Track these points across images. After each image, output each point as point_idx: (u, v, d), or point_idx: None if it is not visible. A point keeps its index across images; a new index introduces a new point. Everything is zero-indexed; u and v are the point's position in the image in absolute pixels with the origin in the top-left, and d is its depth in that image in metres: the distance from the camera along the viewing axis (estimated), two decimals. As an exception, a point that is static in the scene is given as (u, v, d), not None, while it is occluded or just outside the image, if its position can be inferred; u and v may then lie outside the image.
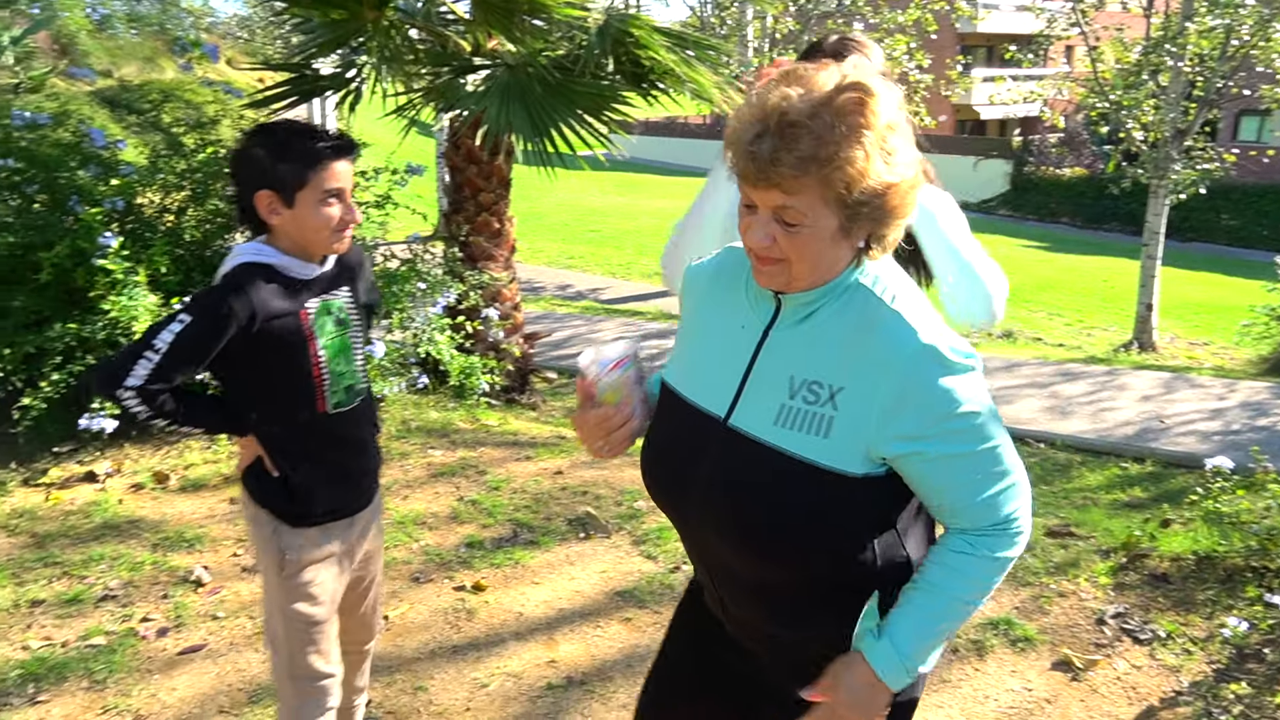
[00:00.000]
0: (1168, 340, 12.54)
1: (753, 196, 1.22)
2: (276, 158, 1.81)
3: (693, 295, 1.46)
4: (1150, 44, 11.63)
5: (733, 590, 1.41)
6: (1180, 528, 3.76)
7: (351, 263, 2.06)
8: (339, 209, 1.86)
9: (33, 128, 4.87)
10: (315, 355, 1.91)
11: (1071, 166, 31.12)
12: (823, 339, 1.28)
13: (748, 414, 1.31)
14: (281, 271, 1.88)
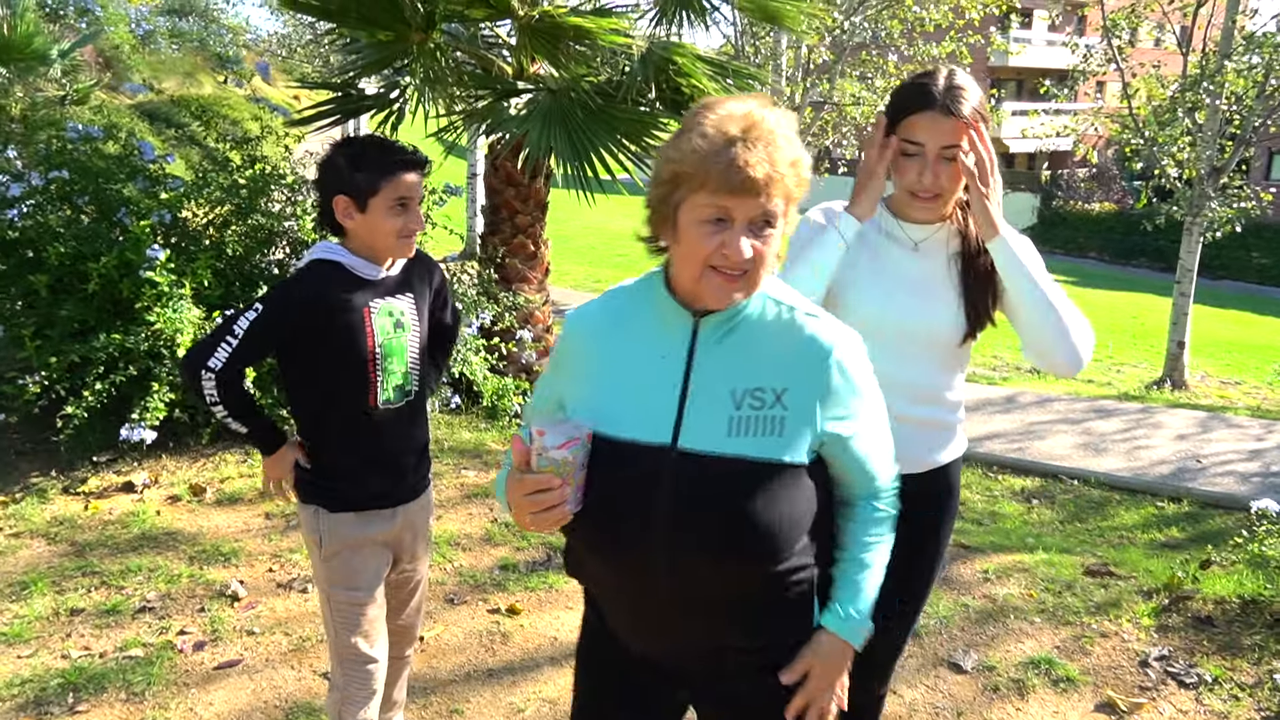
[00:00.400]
0: (1199, 379, 12.38)
1: (733, 209, 1.29)
2: (354, 166, 1.99)
3: (585, 340, 1.45)
4: (1187, 81, 11.57)
5: (695, 611, 1.41)
6: (1220, 570, 3.70)
7: (424, 275, 2.20)
8: (406, 217, 2.02)
9: (85, 140, 4.97)
10: (372, 350, 2.04)
11: (1101, 201, 30.98)
12: (752, 349, 1.38)
13: (696, 434, 1.35)
14: (350, 269, 2.04)
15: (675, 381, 1.38)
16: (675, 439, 1.36)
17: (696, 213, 1.30)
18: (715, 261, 1.31)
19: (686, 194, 1.30)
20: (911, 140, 1.79)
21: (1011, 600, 3.54)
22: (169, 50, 24.20)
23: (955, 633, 3.32)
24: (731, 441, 1.35)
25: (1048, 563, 3.89)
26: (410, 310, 2.14)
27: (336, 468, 2.12)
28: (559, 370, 1.50)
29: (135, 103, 16.98)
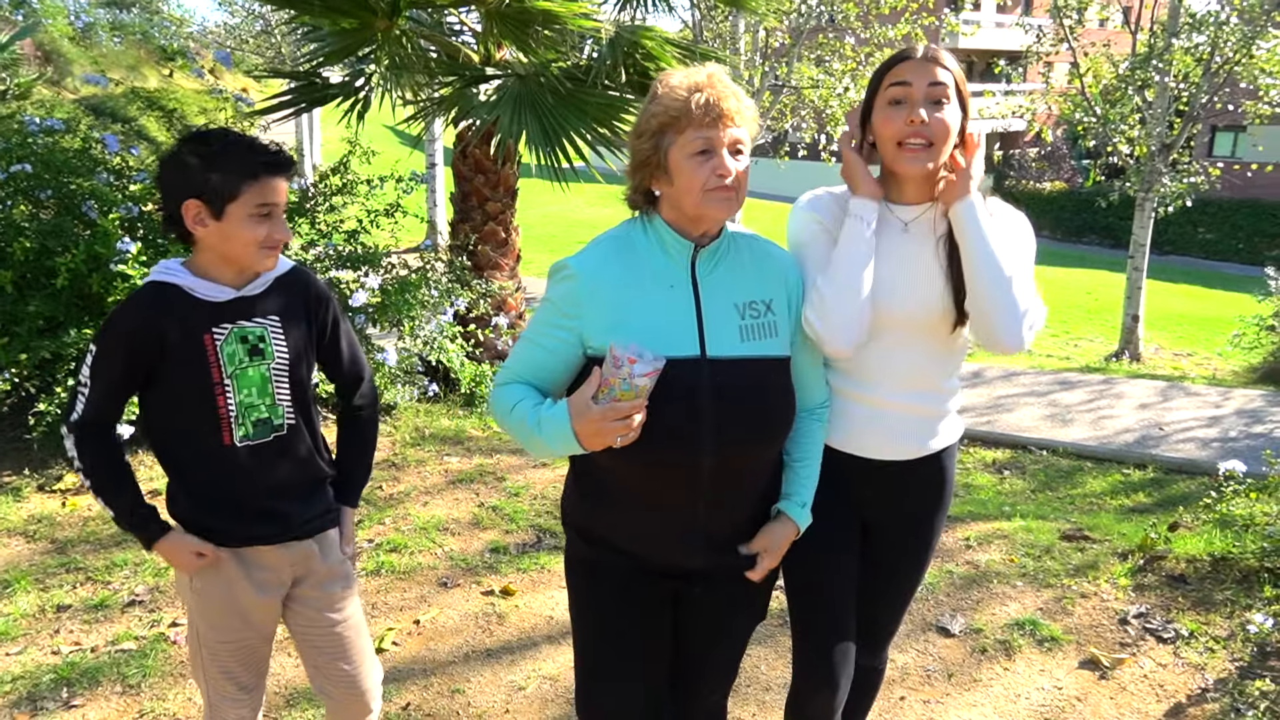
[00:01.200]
0: (1153, 351, 12.71)
1: (715, 138, 1.58)
2: (209, 166, 1.71)
3: (597, 281, 1.64)
4: (1136, 60, 11.82)
5: (728, 489, 1.69)
6: (1187, 531, 3.83)
7: (300, 298, 1.91)
8: (270, 226, 1.76)
9: (47, 133, 4.86)
10: (220, 383, 1.78)
11: (1051, 180, 31.53)
12: (739, 270, 1.70)
13: (718, 343, 1.64)
14: (188, 292, 1.77)
15: (689, 304, 1.65)
16: (703, 350, 1.63)
17: (687, 149, 1.58)
18: (711, 184, 1.58)
19: (674, 137, 1.59)
20: (899, 82, 1.73)
21: (994, 566, 3.64)
22: (110, 43, 23.64)
23: (941, 598, 3.40)
24: (745, 345, 1.66)
25: (1025, 529, 3.99)
26: (275, 334, 1.84)
27: (201, 507, 1.84)
28: (577, 309, 1.64)
29: (79, 97, 16.58)
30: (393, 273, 5.36)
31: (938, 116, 1.71)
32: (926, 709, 2.80)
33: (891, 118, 1.73)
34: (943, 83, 1.72)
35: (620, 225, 1.72)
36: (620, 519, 1.74)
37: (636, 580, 1.77)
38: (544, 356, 1.68)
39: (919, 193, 1.82)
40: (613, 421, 1.51)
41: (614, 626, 1.80)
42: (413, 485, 4.38)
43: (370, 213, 5.47)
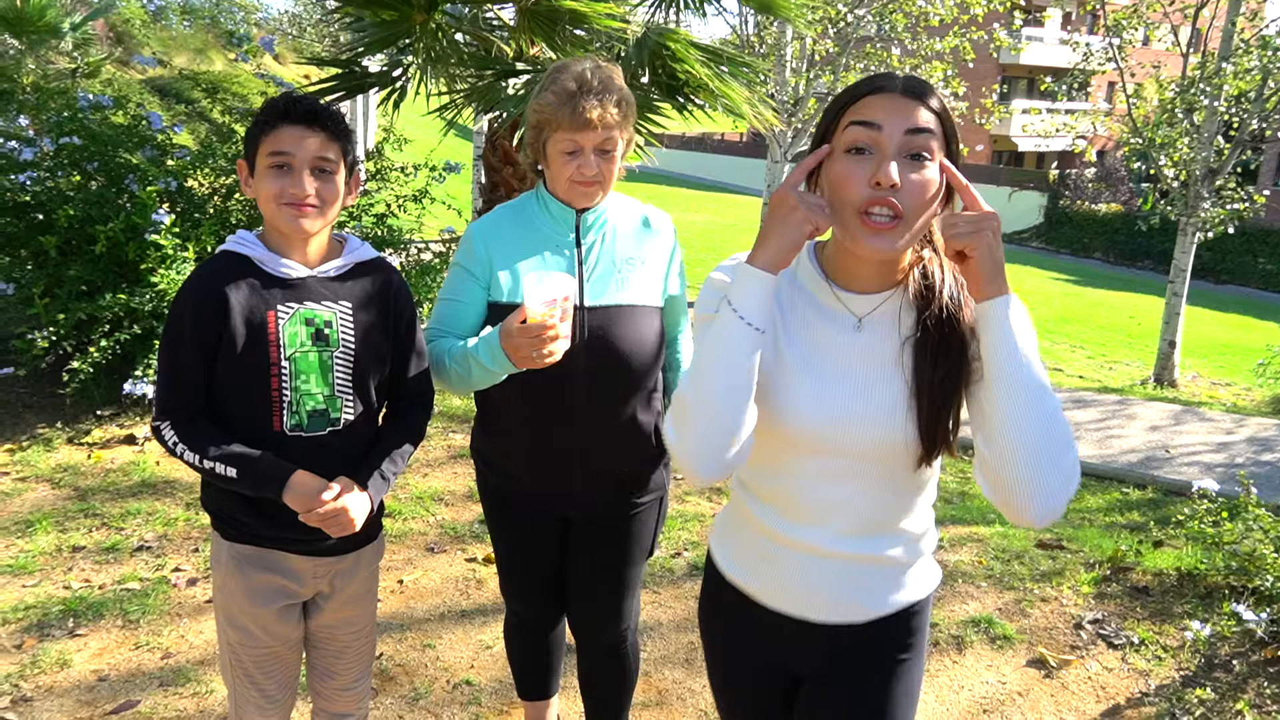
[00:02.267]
0: (1190, 378, 12.54)
1: (581, 140, 1.79)
2: (252, 124, 1.68)
3: (495, 239, 1.92)
4: (1186, 82, 11.69)
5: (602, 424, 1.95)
6: (1171, 550, 3.88)
7: (378, 284, 1.79)
8: (285, 180, 1.62)
9: (96, 109, 5.16)
10: (275, 364, 1.68)
11: (1108, 202, 31.05)
12: (620, 232, 1.96)
13: (595, 293, 1.91)
14: (258, 264, 1.68)
15: (571, 260, 1.93)
16: (582, 298, 1.90)
17: (558, 146, 1.81)
18: (576, 178, 1.83)
19: (550, 133, 1.82)
20: (864, 121, 1.25)
21: (962, 566, 3.73)
22: (180, 26, 24.37)
23: (904, 593, 3.51)
24: (618, 295, 1.92)
25: (1001, 534, 4.08)
26: (344, 321, 1.73)
27: (235, 496, 1.73)
28: (476, 264, 1.91)
29: (146, 78, 17.17)
30: (414, 255, 5.57)
31: (914, 178, 1.23)
32: (871, 693, 2.92)
33: (851, 173, 1.25)
34: (926, 129, 1.24)
35: (520, 196, 2.02)
36: (512, 448, 2.02)
37: (529, 507, 2.07)
38: (458, 308, 1.94)
39: (878, 277, 1.36)
40: (530, 338, 1.68)
41: (515, 545, 2.15)
42: (415, 458, 4.59)
43: (399, 198, 5.69)
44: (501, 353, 1.75)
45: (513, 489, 2.06)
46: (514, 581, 2.22)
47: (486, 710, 2.76)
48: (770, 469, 1.41)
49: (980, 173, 33.19)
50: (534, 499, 2.05)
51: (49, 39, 12.26)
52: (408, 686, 2.85)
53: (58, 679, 2.80)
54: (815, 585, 1.42)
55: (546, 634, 2.33)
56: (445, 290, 1.98)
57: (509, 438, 2.01)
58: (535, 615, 2.27)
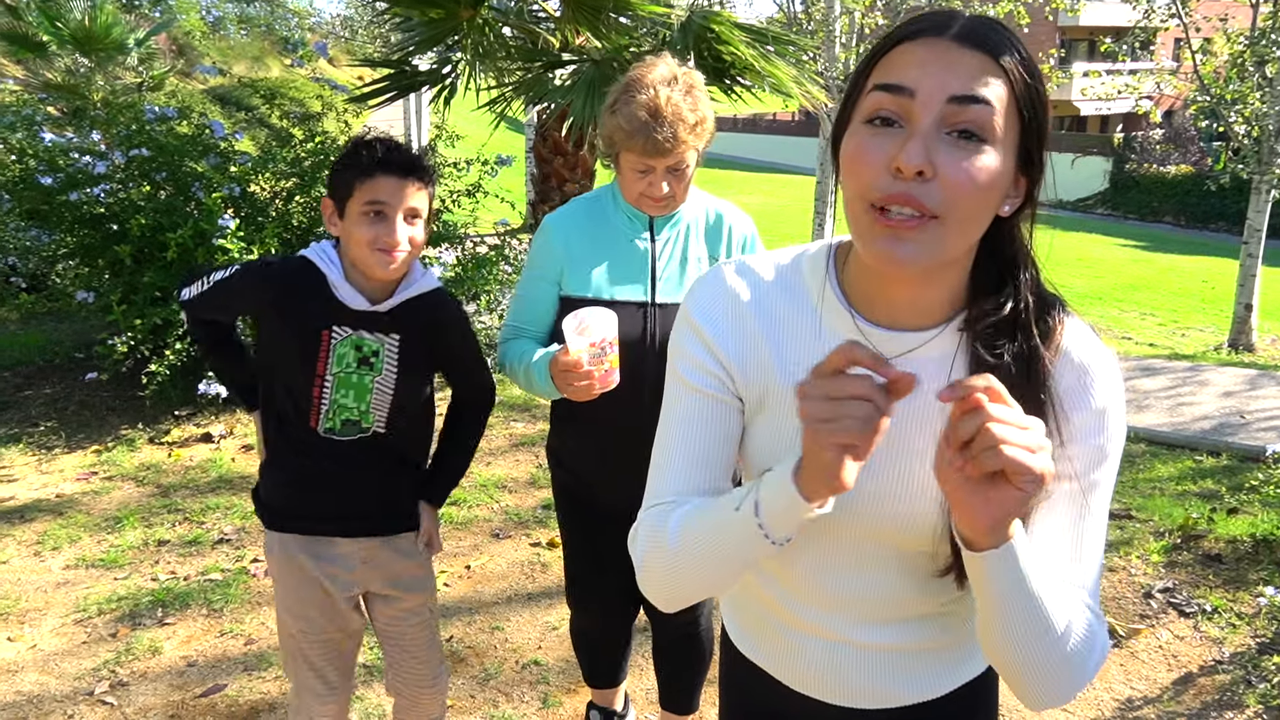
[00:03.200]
0: (1268, 342, 12.11)
1: (655, 164, 1.80)
2: (340, 166, 1.78)
3: (570, 233, 1.94)
4: (1257, 34, 11.25)
5: None
6: (1245, 516, 3.79)
7: (427, 316, 1.89)
8: (379, 227, 1.73)
9: (162, 120, 5.35)
10: (320, 376, 1.83)
11: (1177, 164, 30.03)
12: (693, 230, 1.96)
13: (667, 292, 1.92)
14: (330, 284, 1.80)
15: (645, 258, 1.94)
16: (653, 296, 1.92)
17: (631, 164, 1.84)
18: (647, 194, 1.86)
19: (623, 149, 1.83)
20: (891, 85, 0.86)
21: (1026, 538, 3.70)
22: (238, 35, 24.99)
23: (968, 566, 3.49)
24: None
25: (1067, 506, 4.02)
26: (390, 352, 1.85)
27: (273, 479, 1.93)
28: (552, 259, 1.94)
29: (207, 87, 17.67)
30: (470, 250, 5.67)
31: (959, 167, 0.85)
32: (935, 666, 2.92)
33: (866, 152, 0.87)
34: (982, 99, 0.85)
35: (597, 189, 2.03)
36: (585, 447, 2.05)
37: (602, 506, 2.06)
38: (530, 305, 1.99)
39: (919, 306, 0.98)
40: (569, 381, 1.74)
41: (589, 546, 2.13)
42: (479, 447, 4.69)
43: (453, 193, 5.79)
44: (552, 385, 1.82)
45: (585, 489, 2.08)
46: (585, 584, 2.20)
47: (554, 689, 2.83)
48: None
49: (1041, 140, 32.35)
50: (607, 498, 2.05)
51: (116, 55, 12.66)
52: (478, 667, 2.94)
53: (150, 665, 2.95)
54: (841, 672, 1.14)
55: (612, 643, 2.32)
56: (520, 285, 2.02)
57: (581, 437, 2.04)
58: (604, 623, 2.25)
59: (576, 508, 2.14)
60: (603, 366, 1.74)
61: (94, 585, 3.40)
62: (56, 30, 11.36)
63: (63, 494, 4.13)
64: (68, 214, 4.93)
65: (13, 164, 5.29)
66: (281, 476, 1.92)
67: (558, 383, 1.79)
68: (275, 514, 1.94)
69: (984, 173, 0.85)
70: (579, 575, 2.21)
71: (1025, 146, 0.90)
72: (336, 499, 1.90)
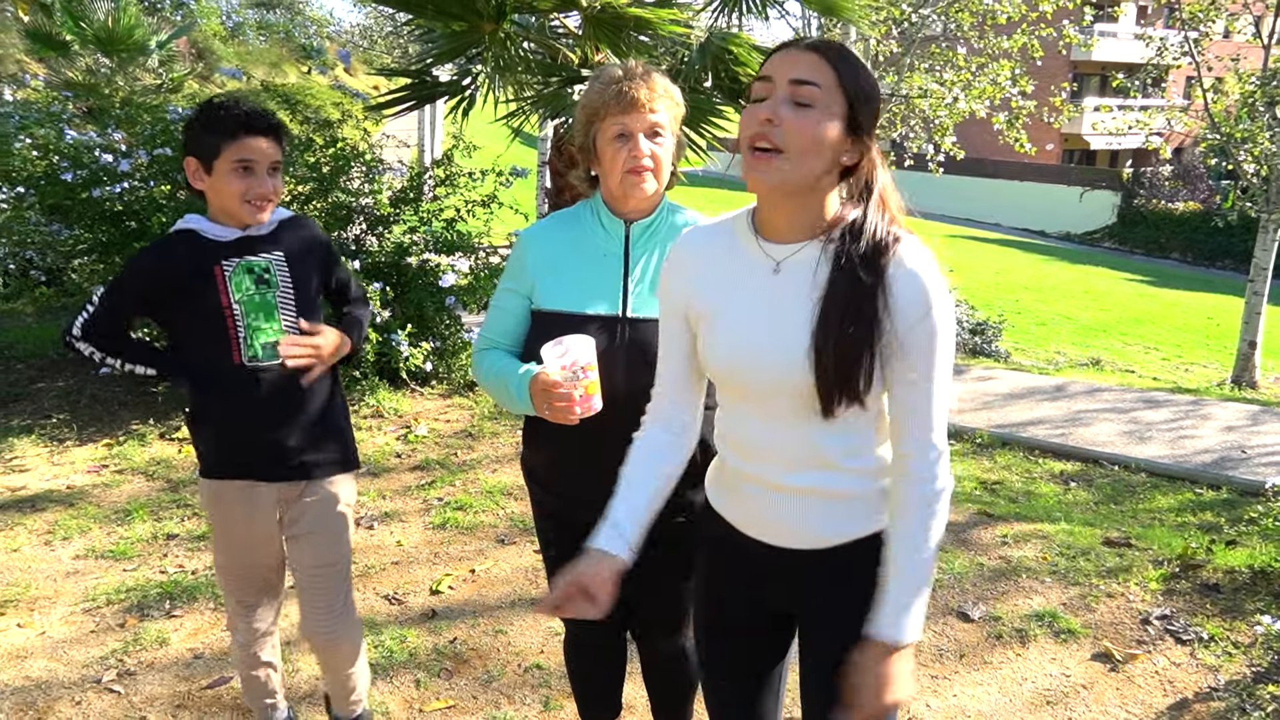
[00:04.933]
0: (1272, 380, 12.14)
1: (630, 124, 1.81)
2: (204, 128, 1.98)
3: (543, 246, 1.95)
4: (1268, 75, 11.35)
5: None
6: (1244, 548, 3.82)
7: (301, 236, 2.14)
8: (250, 180, 1.97)
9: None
10: (229, 308, 2.02)
11: (1185, 200, 30.12)
12: (668, 242, 1.86)
13: (640, 306, 1.90)
14: (200, 234, 2.03)
15: (618, 271, 1.92)
16: (624, 310, 1.91)
17: (608, 134, 1.83)
18: (628, 165, 1.83)
19: (599, 125, 1.84)
20: (761, 76, 1.38)
21: (1026, 562, 3.73)
22: (257, 41, 25.22)
23: (967, 587, 3.53)
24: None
25: (1067, 532, 4.06)
26: (280, 267, 2.08)
27: (205, 430, 2.14)
28: (524, 273, 1.95)
29: (225, 91, 17.84)
30: (483, 259, 5.74)
31: (792, 117, 1.34)
32: (933, 683, 2.95)
33: (746, 116, 1.40)
34: (810, 81, 1.35)
35: (575, 206, 2.01)
36: (556, 462, 2.02)
37: (576, 521, 1.96)
38: (504, 317, 1.98)
39: (796, 225, 1.44)
40: (548, 400, 1.77)
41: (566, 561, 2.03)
42: (485, 454, 4.73)
43: (468, 203, 5.86)
44: (530, 404, 1.84)
45: (560, 503, 2.06)
46: None
47: (556, 693, 2.86)
48: (722, 411, 1.60)
49: (1050, 172, 32.48)
50: (580, 513, 1.95)
51: (137, 57, 12.80)
52: (480, 669, 2.97)
53: (157, 655, 2.99)
54: (773, 515, 1.55)
55: (607, 649, 2.29)
56: (494, 298, 2.03)
57: (553, 451, 2.01)
58: (593, 631, 2.20)
59: (551, 521, 2.11)
60: (578, 390, 1.75)
61: (103, 576, 3.45)
62: (80, 30, 11.50)
63: (73, 485, 4.18)
64: (89, 210, 5.01)
65: (37, 160, 5.38)
66: (211, 423, 2.12)
67: (536, 401, 1.82)
68: (210, 464, 2.15)
69: (810, 125, 1.34)
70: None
71: (853, 117, 1.37)
72: (271, 440, 2.10)
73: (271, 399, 2.08)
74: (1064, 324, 15.58)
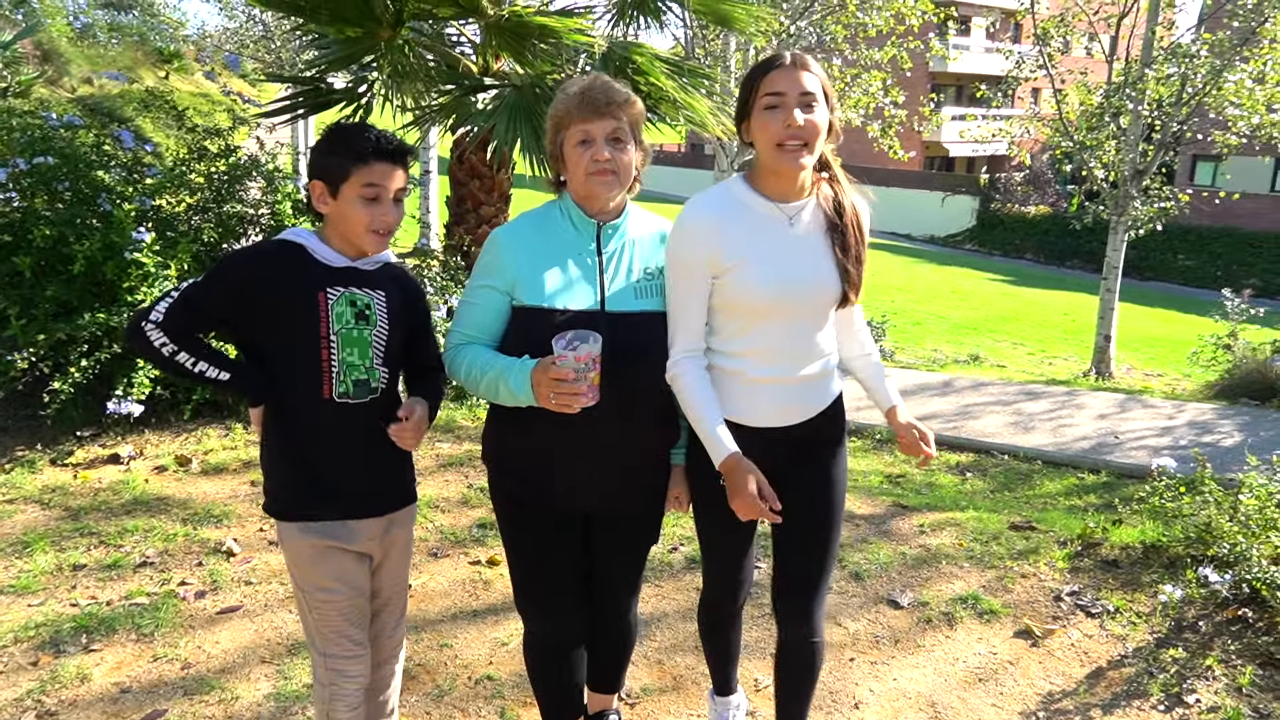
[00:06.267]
0: (1124, 370, 13.07)
1: (592, 130, 1.97)
2: (330, 150, 1.92)
3: (519, 244, 2.03)
4: (1112, 88, 12.24)
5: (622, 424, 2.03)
6: (1129, 526, 4.13)
7: (405, 282, 2.11)
8: (375, 208, 1.91)
9: (68, 128, 5.12)
10: (326, 338, 1.93)
11: (1036, 205, 32.07)
12: (639, 244, 2.09)
13: (616, 300, 2.03)
14: (310, 253, 1.95)
15: (593, 267, 2.04)
16: (602, 304, 2.01)
17: (572, 140, 1.98)
18: (591, 169, 1.97)
19: (564, 132, 1.99)
20: (773, 92, 1.90)
21: (944, 549, 3.93)
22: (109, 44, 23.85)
23: (894, 576, 3.69)
24: (639, 302, 2.05)
25: (977, 519, 4.29)
26: (380, 306, 2.01)
27: (290, 468, 2.01)
28: (502, 270, 2.01)
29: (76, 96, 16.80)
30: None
31: (809, 119, 1.90)
32: (873, 669, 3.08)
33: (769, 122, 1.90)
34: (812, 91, 1.90)
35: (543, 205, 2.12)
36: (532, 449, 2.08)
37: (549, 508, 2.13)
38: (481, 313, 2.04)
39: (795, 190, 2.01)
40: (554, 392, 1.85)
41: (536, 550, 2.18)
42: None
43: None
44: (530, 386, 1.89)
45: (531, 492, 2.10)
46: (534, 590, 2.23)
47: (510, 703, 2.85)
48: (742, 336, 2.03)
49: (913, 178, 34.04)
50: (555, 499, 2.10)
51: (-25, 60, 11.93)
52: (430, 685, 2.93)
53: (80, 692, 2.82)
54: (785, 403, 2.08)
55: (570, 649, 2.31)
56: (468, 295, 2.07)
57: (529, 439, 2.05)
58: (557, 626, 2.26)
59: (522, 512, 2.15)
60: (585, 382, 1.84)
61: (5, 612, 3.22)
62: (-89, 32, 10.67)
63: (-42, 519, 3.88)
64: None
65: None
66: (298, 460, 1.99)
67: (540, 391, 1.87)
68: (294, 508, 2.02)
69: (821, 121, 1.92)
70: (526, 580, 2.23)
71: (830, 111, 1.94)
72: (353, 476, 2.02)
73: (354, 431, 2.00)
74: (937, 323, 16.36)
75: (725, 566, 2.28)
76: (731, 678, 2.57)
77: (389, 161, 1.92)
